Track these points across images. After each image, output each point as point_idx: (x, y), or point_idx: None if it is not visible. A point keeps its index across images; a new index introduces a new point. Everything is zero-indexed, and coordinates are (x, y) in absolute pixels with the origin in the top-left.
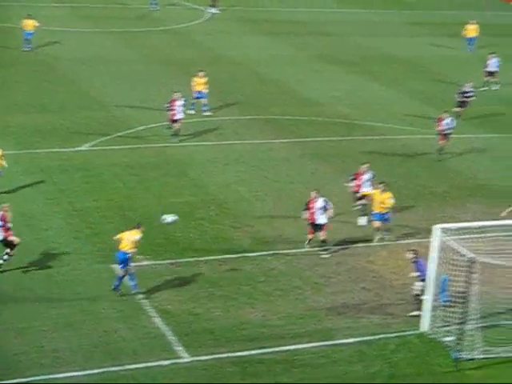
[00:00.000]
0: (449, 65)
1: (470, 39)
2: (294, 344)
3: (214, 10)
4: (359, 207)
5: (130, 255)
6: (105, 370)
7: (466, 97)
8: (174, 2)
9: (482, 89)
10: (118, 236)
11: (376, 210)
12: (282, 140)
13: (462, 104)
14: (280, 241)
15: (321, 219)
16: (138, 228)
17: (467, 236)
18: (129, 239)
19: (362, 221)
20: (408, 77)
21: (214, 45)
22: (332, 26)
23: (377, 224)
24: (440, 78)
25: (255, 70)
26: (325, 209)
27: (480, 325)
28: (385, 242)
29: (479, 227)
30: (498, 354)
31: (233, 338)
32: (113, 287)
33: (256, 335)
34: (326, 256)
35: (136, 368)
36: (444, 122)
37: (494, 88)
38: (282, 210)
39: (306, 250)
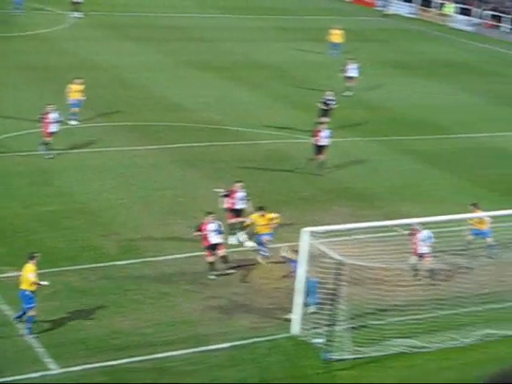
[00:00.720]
0: (314, 70)
1: (335, 44)
2: (165, 351)
3: (76, 15)
4: (236, 228)
5: (28, 293)
6: None
7: (328, 105)
8: (38, 7)
9: (345, 94)
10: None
11: (260, 231)
12: (149, 146)
13: (325, 113)
14: (148, 248)
15: (215, 239)
16: (32, 259)
17: (335, 239)
18: (25, 276)
19: (233, 239)
20: (275, 82)
21: (79, 50)
22: (202, 32)
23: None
24: (305, 82)
25: (121, 76)
26: (218, 232)
27: (349, 326)
28: (253, 247)
29: (346, 229)
30: (367, 353)
31: (104, 348)
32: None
33: (127, 344)
34: (230, 272)
35: (4, 382)
36: (322, 134)
37: (347, 94)
38: (150, 217)
39: (186, 255)
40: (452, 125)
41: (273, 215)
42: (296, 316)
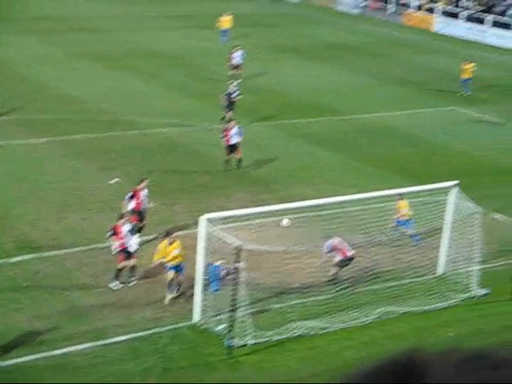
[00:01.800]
0: (205, 57)
1: (224, 31)
2: (65, 347)
3: None
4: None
5: None
6: None
7: (233, 97)
8: None
9: (230, 82)
10: None
11: (169, 261)
12: (43, 139)
13: (230, 106)
14: (45, 243)
15: (133, 246)
16: None
17: (234, 224)
18: None
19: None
20: (168, 70)
21: None
22: (92, 22)
23: (171, 275)
24: (198, 70)
25: (10, 69)
26: (132, 233)
27: (250, 311)
28: (154, 236)
29: (244, 215)
30: (269, 337)
31: (2, 346)
32: None
33: (25, 341)
34: (131, 284)
35: None
36: (232, 133)
37: (235, 82)
38: (45, 211)
39: (81, 249)
40: (342, 106)
41: (177, 249)
42: (195, 304)
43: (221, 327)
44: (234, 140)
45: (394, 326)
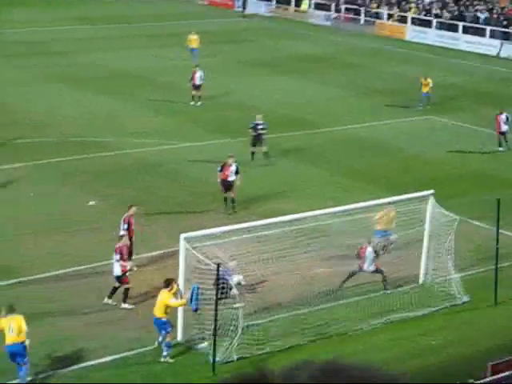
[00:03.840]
0: (175, 75)
1: (194, 49)
2: (50, 370)
3: None
4: None
5: None
6: None
7: (261, 129)
8: None
9: (192, 103)
10: None
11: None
12: (18, 164)
13: (255, 139)
14: (26, 267)
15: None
16: None
17: (213, 242)
18: None
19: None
20: (140, 89)
21: None
22: (60, 45)
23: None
24: (170, 87)
25: None
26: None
27: (233, 327)
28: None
29: (224, 232)
30: (252, 353)
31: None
32: None
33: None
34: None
35: None
36: (231, 169)
37: (198, 104)
38: (22, 236)
39: None
40: (317, 119)
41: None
42: (178, 323)
43: (204, 345)
44: (232, 177)
45: (375, 338)
